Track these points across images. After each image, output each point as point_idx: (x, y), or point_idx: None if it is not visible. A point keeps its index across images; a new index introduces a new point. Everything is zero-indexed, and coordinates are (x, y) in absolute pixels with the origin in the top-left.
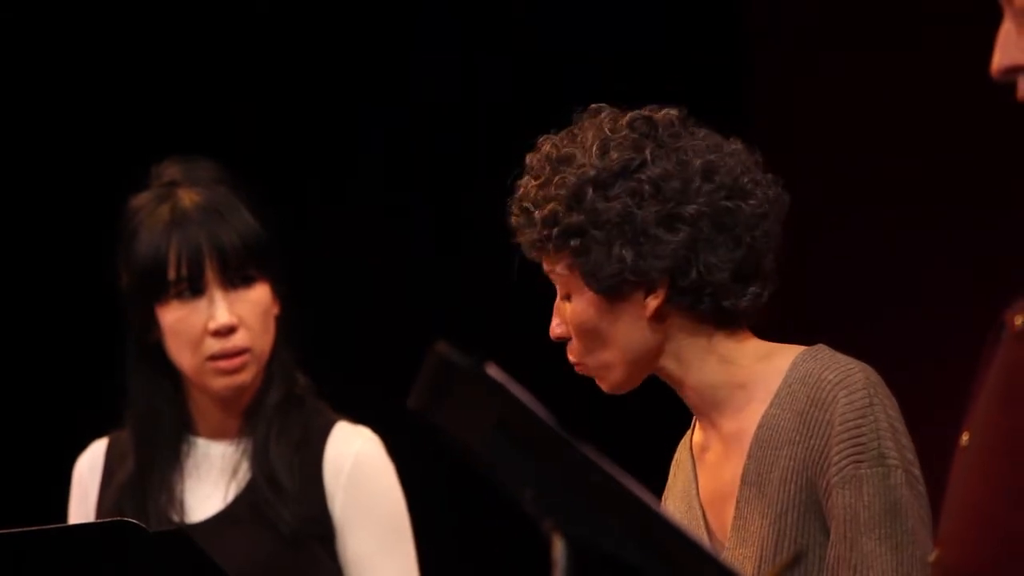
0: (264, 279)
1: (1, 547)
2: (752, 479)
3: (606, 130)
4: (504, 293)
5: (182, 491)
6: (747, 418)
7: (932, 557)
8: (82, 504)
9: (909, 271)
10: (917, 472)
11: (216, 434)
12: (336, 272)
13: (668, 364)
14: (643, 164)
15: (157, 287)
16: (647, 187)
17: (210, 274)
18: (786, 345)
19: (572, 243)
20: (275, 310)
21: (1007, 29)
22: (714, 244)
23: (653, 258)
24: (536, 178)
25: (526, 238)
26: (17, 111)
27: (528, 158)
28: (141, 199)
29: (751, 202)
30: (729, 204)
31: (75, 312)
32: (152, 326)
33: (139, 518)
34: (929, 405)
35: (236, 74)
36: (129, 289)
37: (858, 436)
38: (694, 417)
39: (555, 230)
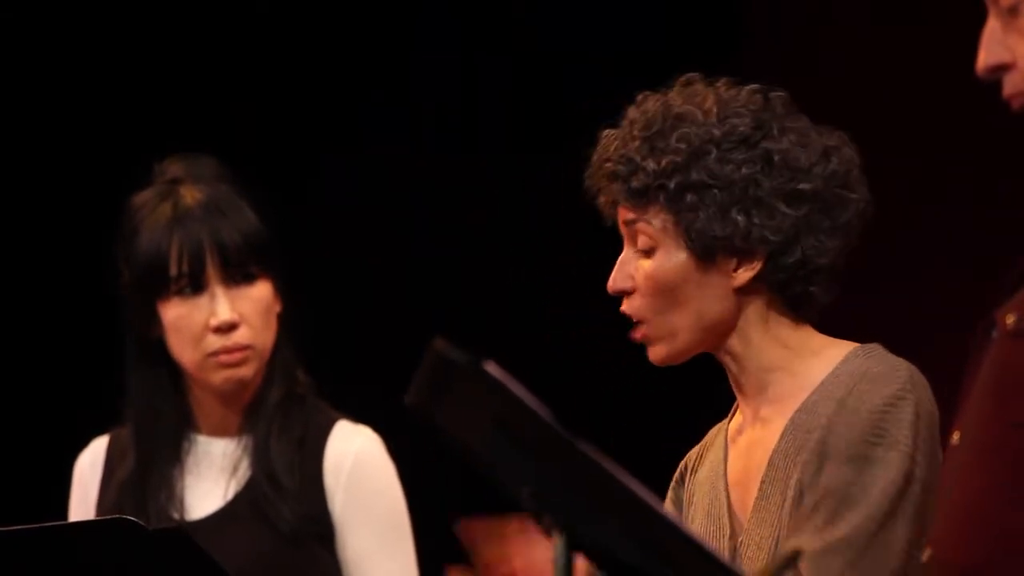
0: (266, 276)
1: (2, 545)
2: (780, 461)
3: (724, 96)
4: (504, 292)
5: (182, 488)
6: (788, 404)
7: (925, 556)
8: (82, 502)
9: (905, 269)
10: (919, 473)
11: (217, 431)
12: (336, 271)
13: (733, 342)
14: (767, 135)
15: (158, 284)
16: (775, 158)
17: (211, 271)
18: (842, 341)
19: (688, 198)
20: (277, 308)
21: (992, 27)
22: (821, 228)
23: (765, 229)
24: (645, 129)
25: (624, 185)
26: (18, 110)
27: (630, 111)
28: (143, 196)
29: (855, 196)
30: (842, 192)
31: (76, 310)
32: (153, 323)
33: (139, 516)
34: None
35: (237, 73)
36: (130, 286)
37: (881, 422)
38: (735, 404)
39: (672, 182)
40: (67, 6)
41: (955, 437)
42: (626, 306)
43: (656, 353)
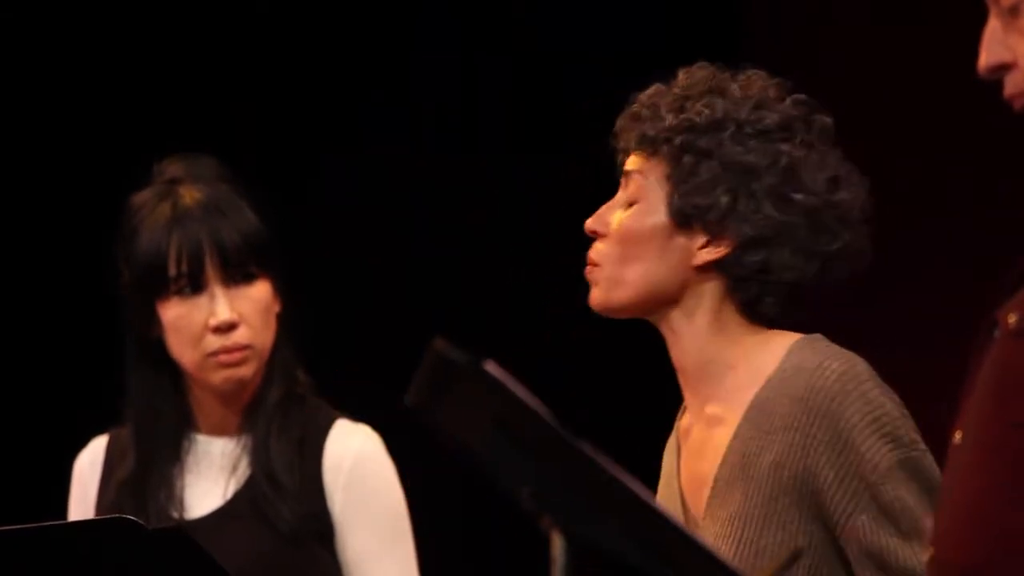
0: (265, 276)
1: (1, 544)
2: (736, 459)
3: (769, 91)
4: (504, 292)
5: (182, 488)
6: (734, 401)
7: (926, 556)
8: (82, 501)
9: (904, 268)
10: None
11: (216, 431)
12: (336, 271)
13: (676, 316)
14: (788, 139)
15: (158, 284)
16: (784, 160)
17: (211, 271)
18: (783, 332)
19: (686, 158)
20: (276, 308)
21: (993, 27)
22: (798, 245)
23: (744, 220)
24: (685, 88)
25: (638, 129)
26: (18, 110)
27: (681, 72)
28: (142, 196)
29: (846, 237)
30: (835, 224)
31: (76, 309)
32: (153, 323)
33: (139, 515)
34: (921, 402)
35: (237, 72)
36: (130, 286)
37: (881, 428)
38: (683, 403)
39: (679, 139)
40: (67, 6)
41: (956, 436)
42: (592, 249)
43: (595, 297)
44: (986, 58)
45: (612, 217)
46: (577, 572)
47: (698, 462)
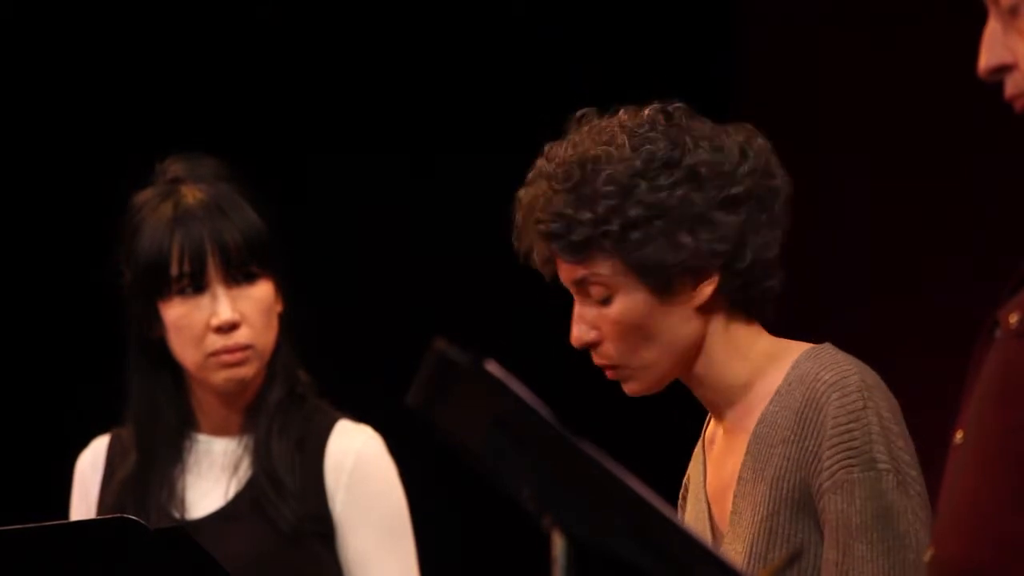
0: (267, 276)
1: (3, 544)
2: (748, 475)
3: (629, 126)
4: (505, 291)
5: (183, 487)
6: (749, 414)
7: (927, 556)
8: (83, 501)
9: (905, 265)
10: (914, 473)
11: (218, 431)
12: (337, 270)
13: (698, 365)
14: (685, 153)
15: (160, 283)
16: (701, 170)
17: (212, 271)
18: (794, 342)
19: (633, 236)
20: (278, 307)
21: (992, 28)
22: (761, 223)
23: (715, 242)
24: (565, 180)
25: (564, 242)
26: (19, 110)
27: (540, 165)
28: (144, 196)
29: (779, 182)
30: (768, 183)
31: (77, 309)
32: (155, 322)
33: (140, 515)
34: (921, 401)
35: (239, 72)
36: (132, 285)
37: (850, 440)
38: (708, 415)
39: (614, 226)
40: (68, 6)
41: (958, 436)
42: (597, 356)
43: (633, 388)
44: (986, 59)
45: (596, 321)
46: (578, 572)
47: (721, 473)
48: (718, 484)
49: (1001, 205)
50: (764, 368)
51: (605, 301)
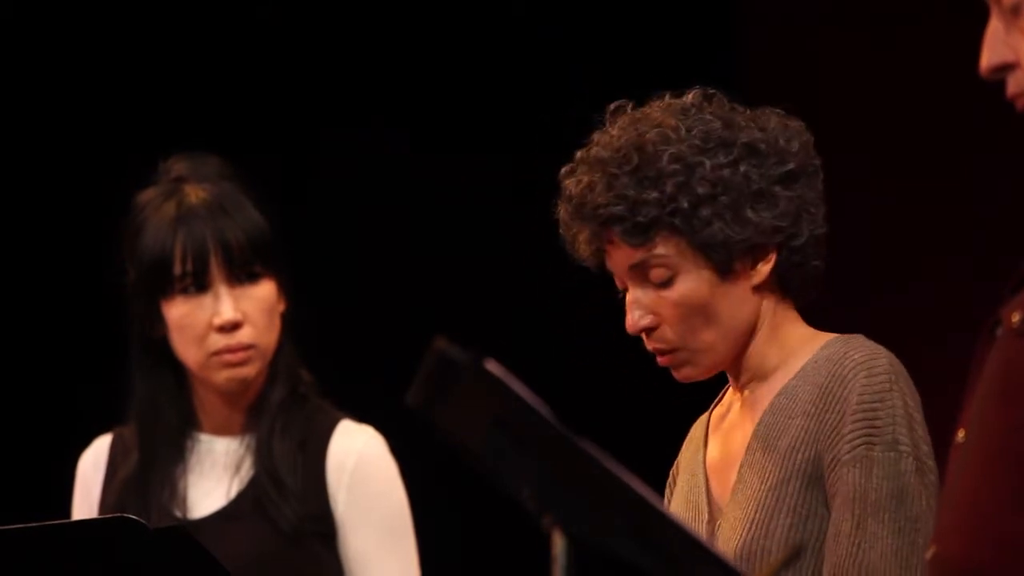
0: (270, 276)
1: (4, 543)
2: (759, 444)
3: (678, 109)
4: (505, 290)
5: (185, 487)
6: (769, 388)
7: (929, 553)
8: (86, 500)
9: (905, 265)
10: (931, 463)
11: (220, 430)
12: (338, 270)
13: (749, 345)
14: (739, 131)
15: (162, 283)
16: (761, 146)
17: (215, 270)
18: (827, 333)
19: (703, 213)
20: (281, 307)
21: (994, 27)
22: (811, 202)
23: (776, 218)
24: (623, 164)
25: (629, 224)
26: (22, 109)
27: (592, 152)
28: (148, 195)
29: (819, 161)
30: (813, 162)
31: (80, 308)
32: (157, 322)
33: (142, 514)
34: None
35: (239, 72)
36: (134, 284)
37: (873, 419)
38: (721, 391)
39: (684, 202)
40: (68, 6)
41: (960, 435)
42: (653, 341)
43: (687, 373)
44: (988, 58)
45: (654, 305)
46: (578, 571)
47: (725, 448)
48: (722, 456)
49: (1001, 205)
50: (794, 351)
51: (665, 284)
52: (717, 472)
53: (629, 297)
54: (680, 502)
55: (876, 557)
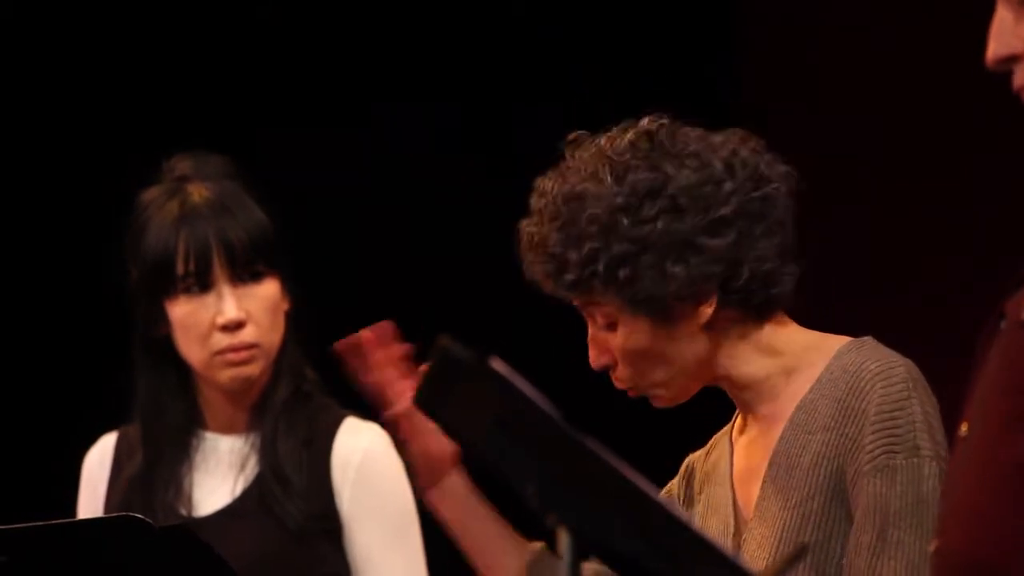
0: (273, 275)
1: (10, 542)
2: (781, 460)
3: (611, 156)
4: (509, 289)
5: (190, 485)
6: (785, 401)
7: (932, 547)
8: (91, 498)
9: (906, 259)
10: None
11: (224, 428)
12: (342, 268)
13: (721, 368)
14: (667, 179)
15: (165, 282)
16: (682, 199)
17: (218, 269)
18: (832, 335)
19: (621, 274)
20: (284, 306)
21: (1001, 17)
22: (755, 237)
23: (705, 267)
24: (553, 219)
25: (560, 281)
26: (25, 108)
27: (534, 202)
28: (151, 194)
29: (773, 186)
30: (758, 194)
31: (83, 307)
32: (161, 321)
33: (147, 512)
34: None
35: (240, 71)
36: (138, 284)
37: (893, 427)
38: (737, 409)
39: (600, 266)
40: (68, 6)
41: (963, 429)
42: (615, 379)
43: (658, 404)
44: (995, 49)
45: (608, 345)
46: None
47: (749, 459)
48: (745, 469)
49: (1001, 205)
50: (802, 357)
51: (610, 327)
52: (742, 485)
53: (589, 334)
54: (708, 514)
55: (901, 565)
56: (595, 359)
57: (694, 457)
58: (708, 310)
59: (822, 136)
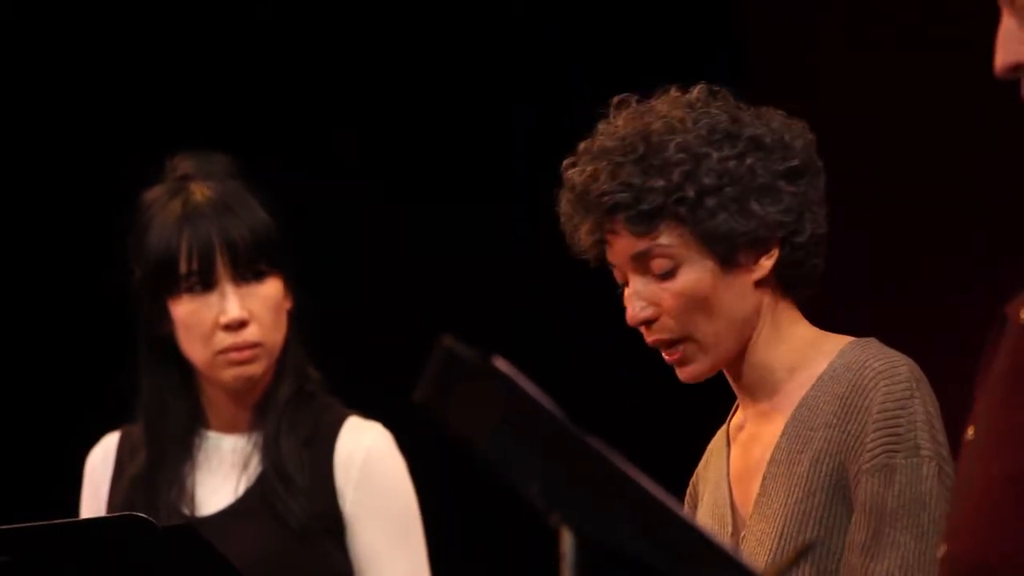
0: (276, 274)
1: (12, 542)
2: (782, 457)
3: (684, 102)
4: (513, 288)
5: (193, 484)
6: (785, 398)
7: (941, 552)
8: (94, 498)
9: (906, 259)
10: (949, 469)
11: (227, 428)
12: (344, 268)
13: (748, 339)
14: (744, 124)
15: (168, 281)
16: (767, 140)
17: (221, 268)
18: (835, 334)
19: (708, 203)
20: (287, 305)
21: (1007, 26)
22: (814, 200)
23: (779, 214)
24: (628, 153)
25: (627, 214)
26: (28, 107)
27: (593, 144)
28: (154, 193)
29: (820, 162)
30: (817, 161)
31: (85, 306)
32: (164, 320)
33: (150, 511)
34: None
35: (240, 71)
36: (141, 283)
37: (895, 427)
38: (734, 405)
39: (691, 191)
40: (68, 6)
41: (969, 432)
42: (655, 334)
43: (691, 370)
44: (1003, 57)
45: (657, 296)
46: (587, 568)
47: (747, 457)
48: (744, 467)
49: (1001, 205)
50: (806, 355)
51: (667, 275)
52: (740, 483)
53: (629, 290)
54: (705, 512)
55: (895, 564)
56: (638, 311)
57: (696, 473)
58: (768, 263)
59: (822, 136)
